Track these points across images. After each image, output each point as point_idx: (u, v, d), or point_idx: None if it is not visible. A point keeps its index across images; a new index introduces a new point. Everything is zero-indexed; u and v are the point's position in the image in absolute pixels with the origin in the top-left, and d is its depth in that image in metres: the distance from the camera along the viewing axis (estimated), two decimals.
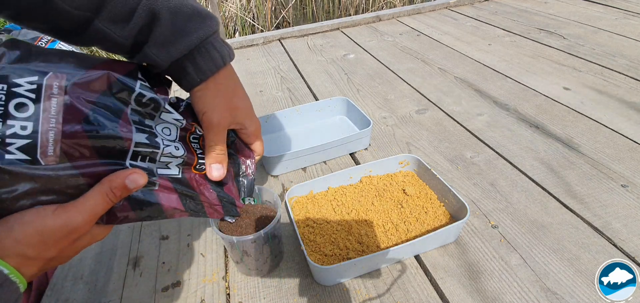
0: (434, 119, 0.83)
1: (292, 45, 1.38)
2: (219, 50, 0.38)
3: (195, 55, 0.37)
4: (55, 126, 0.27)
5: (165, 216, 0.34)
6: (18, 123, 0.26)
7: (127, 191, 0.31)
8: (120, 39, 0.34)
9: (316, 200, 0.59)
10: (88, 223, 0.30)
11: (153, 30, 0.34)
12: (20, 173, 0.26)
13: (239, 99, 0.42)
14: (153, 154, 0.33)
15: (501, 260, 0.50)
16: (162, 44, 0.35)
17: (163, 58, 0.35)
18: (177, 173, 0.35)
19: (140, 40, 0.35)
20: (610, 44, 1.13)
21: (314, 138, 0.78)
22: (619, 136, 0.72)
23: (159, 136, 0.34)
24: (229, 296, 0.49)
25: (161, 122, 0.36)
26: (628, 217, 0.55)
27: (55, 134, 0.27)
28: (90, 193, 0.30)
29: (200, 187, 0.37)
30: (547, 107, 0.84)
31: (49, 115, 0.27)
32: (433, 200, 0.58)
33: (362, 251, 0.50)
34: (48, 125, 0.27)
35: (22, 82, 0.27)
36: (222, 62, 0.38)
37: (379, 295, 0.47)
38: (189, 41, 0.35)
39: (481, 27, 1.38)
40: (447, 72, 1.05)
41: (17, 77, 0.27)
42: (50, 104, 0.27)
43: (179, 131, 0.37)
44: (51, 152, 0.27)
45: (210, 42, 0.37)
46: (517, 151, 0.71)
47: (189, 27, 0.36)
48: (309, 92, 1.01)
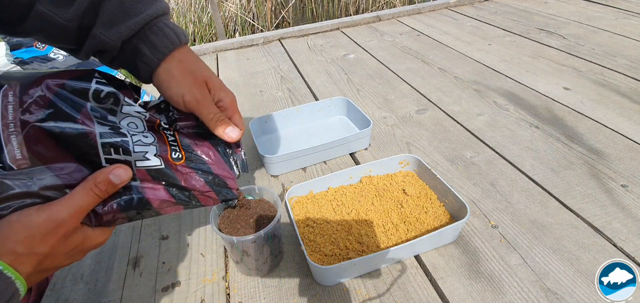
0: (434, 119, 0.83)
1: (292, 45, 1.38)
2: (173, 28, 0.37)
3: (147, 34, 0.36)
4: (15, 130, 0.28)
5: (157, 211, 0.34)
6: None
7: (112, 186, 0.31)
8: (64, 22, 0.33)
9: (316, 200, 0.59)
10: (73, 218, 0.29)
11: (100, 11, 0.33)
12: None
13: (208, 73, 0.40)
14: (124, 145, 0.32)
15: (501, 260, 0.50)
16: (110, 24, 0.34)
17: (112, 37, 0.34)
18: (158, 163, 0.35)
19: (86, 23, 0.34)
20: (610, 44, 1.13)
21: (314, 138, 0.78)
22: (619, 136, 0.72)
23: (124, 128, 0.34)
24: (229, 296, 0.49)
25: (125, 116, 0.35)
26: (628, 217, 0.55)
27: (17, 137, 0.28)
28: (76, 190, 0.30)
29: (185, 176, 0.36)
30: (547, 107, 0.84)
31: (7, 121, 0.28)
32: (433, 200, 0.58)
33: (362, 251, 0.50)
34: (8, 131, 0.28)
35: None
36: (178, 40, 0.37)
37: (379, 295, 0.47)
38: (139, 19, 0.35)
39: (481, 27, 1.38)
40: (447, 72, 1.05)
41: None
42: (7, 111, 0.28)
43: (146, 123, 0.37)
44: (19, 155, 0.28)
45: (162, 21, 0.36)
46: (517, 151, 0.71)
47: (137, 7, 0.35)
48: (309, 92, 1.01)
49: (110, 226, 0.34)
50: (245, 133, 0.84)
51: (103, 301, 0.50)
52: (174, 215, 0.63)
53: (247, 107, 0.97)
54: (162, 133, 0.38)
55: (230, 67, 1.24)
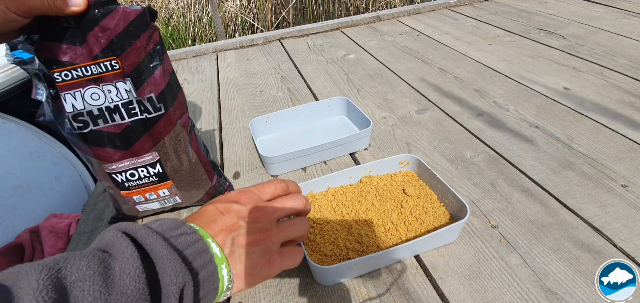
0: (434, 119, 0.84)
1: (292, 45, 1.38)
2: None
3: None
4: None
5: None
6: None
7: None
8: None
9: (316, 200, 0.59)
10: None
11: None
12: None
13: None
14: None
15: (501, 260, 0.50)
16: None
17: None
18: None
19: None
20: (610, 44, 1.13)
21: (314, 138, 0.78)
22: (619, 136, 0.72)
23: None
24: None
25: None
26: (628, 217, 0.55)
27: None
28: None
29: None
30: (547, 107, 0.84)
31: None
32: (433, 200, 0.58)
33: (362, 251, 0.50)
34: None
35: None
36: None
37: (379, 295, 0.47)
38: None
39: (481, 27, 1.38)
40: (447, 72, 1.05)
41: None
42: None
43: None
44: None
45: None
46: (517, 151, 0.71)
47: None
48: (309, 92, 1.01)
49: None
50: (245, 132, 0.84)
51: None
52: (174, 215, 0.63)
53: (247, 107, 0.97)
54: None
55: (230, 67, 1.24)
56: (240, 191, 0.42)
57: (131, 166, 0.52)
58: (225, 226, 0.37)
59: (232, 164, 0.75)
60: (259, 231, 0.39)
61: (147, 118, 0.49)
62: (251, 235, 0.38)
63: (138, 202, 0.57)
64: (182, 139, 0.54)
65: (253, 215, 0.40)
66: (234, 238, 0.37)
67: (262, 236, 0.39)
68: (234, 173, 0.73)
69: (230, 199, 0.41)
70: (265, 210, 0.41)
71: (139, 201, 0.57)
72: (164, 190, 0.56)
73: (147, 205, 0.58)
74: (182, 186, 0.57)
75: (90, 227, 0.63)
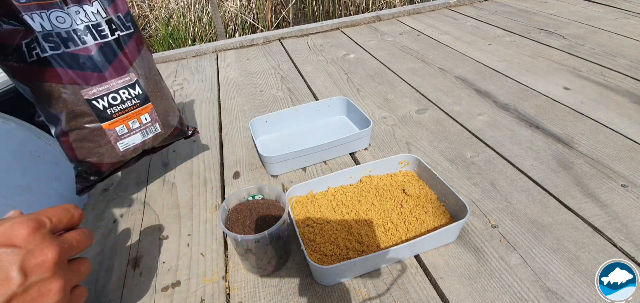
0: (434, 119, 0.83)
1: (292, 45, 1.38)
2: None
3: None
4: None
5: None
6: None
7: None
8: None
9: (316, 200, 0.59)
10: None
11: None
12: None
13: None
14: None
15: (501, 260, 0.50)
16: None
17: None
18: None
19: None
20: (610, 44, 1.13)
21: (314, 138, 0.78)
22: (619, 136, 0.72)
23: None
24: (229, 296, 0.49)
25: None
26: (628, 217, 0.55)
27: None
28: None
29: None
30: (547, 108, 0.84)
31: None
32: (433, 200, 0.58)
33: (362, 251, 0.50)
34: None
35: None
36: None
37: (379, 295, 0.47)
38: None
39: (481, 27, 1.38)
40: (447, 72, 1.05)
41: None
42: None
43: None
44: None
45: None
46: (517, 151, 0.71)
47: None
48: (309, 92, 1.01)
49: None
50: (245, 132, 0.84)
51: (103, 301, 0.50)
52: (174, 215, 0.63)
53: (247, 107, 0.97)
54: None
55: (230, 67, 1.24)
56: (13, 224, 0.30)
57: (111, 89, 0.52)
58: (8, 296, 0.28)
59: (232, 164, 0.75)
60: (41, 285, 0.30)
61: (119, 37, 0.51)
62: (34, 296, 0.29)
63: (121, 135, 0.54)
64: (152, 60, 0.57)
65: (36, 260, 0.30)
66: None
67: (45, 295, 0.30)
68: (234, 172, 0.73)
69: (0, 239, 0.29)
70: (55, 250, 0.31)
71: (122, 134, 0.55)
72: (146, 115, 0.56)
73: (130, 139, 0.56)
74: (160, 110, 0.58)
75: (90, 227, 0.63)
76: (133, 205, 0.67)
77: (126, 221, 0.63)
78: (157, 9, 2.46)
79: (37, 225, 0.31)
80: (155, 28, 2.38)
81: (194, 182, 0.71)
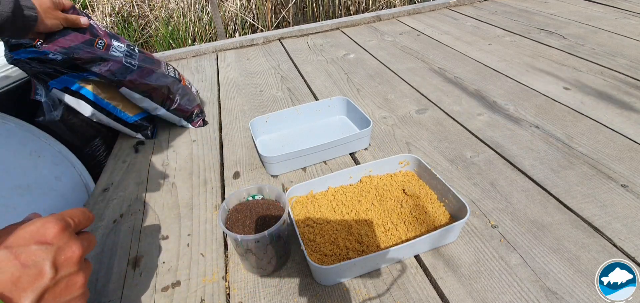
0: (434, 119, 0.83)
1: (292, 45, 1.38)
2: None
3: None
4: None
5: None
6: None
7: None
8: None
9: (316, 200, 0.59)
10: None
11: None
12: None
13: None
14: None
15: (501, 260, 0.50)
16: None
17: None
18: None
19: None
20: (610, 44, 1.13)
21: (314, 138, 0.78)
22: (619, 136, 0.72)
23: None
24: (229, 296, 0.49)
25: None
26: (628, 217, 0.55)
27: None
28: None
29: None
30: (547, 108, 0.84)
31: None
32: (433, 200, 0.58)
33: (362, 251, 0.50)
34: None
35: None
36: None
37: (379, 295, 0.47)
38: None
39: (481, 27, 1.38)
40: (447, 72, 1.05)
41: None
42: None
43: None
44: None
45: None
46: (517, 151, 0.71)
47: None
48: (309, 92, 1.01)
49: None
50: (245, 132, 0.84)
51: (103, 301, 0.50)
52: (174, 215, 0.63)
53: (247, 107, 0.97)
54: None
55: (230, 67, 1.24)
56: (43, 223, 0.34)
57: (164, 70, 0.88)
58: (43, 288, 0.31)
59: (232, 164, 0.75)
60: (71, 277, 0.34)
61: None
62: (68, 287, 0.33)
63: (189, 85, 0.94)
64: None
65: (66, 255, 0.34)
66: (42, 295, 0.31)
67: (71, 287, 0.34)
68: (234, 172, 0.73)
69: (29, 239, 0.33)
70: (80, 247, 0.35)
71: (190, 84, 0.95)
72: (187, 83, 0.94)
73: (193, 88, 0.97)
74: (188, 83, 0.95)
75: (90, 227, 0.63)
76: (133, 205, 0.67)
77: (126, 221, 0.63)
78: (157, 9, 2.45)
79: (65, 225, 0.35)
80: (155, 28, 2.38)
81: (194, 182, 0.71)
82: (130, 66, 0.79)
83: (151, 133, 0.87)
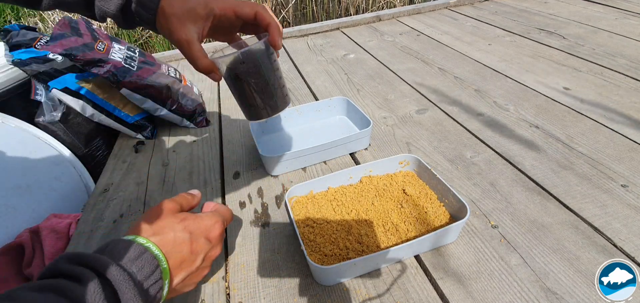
0: (434, 119, 0.83)
1: (292, 45, 1.38)
2: None
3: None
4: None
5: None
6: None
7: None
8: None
9: (316, 200, 0.59)
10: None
11: None
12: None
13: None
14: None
15: (501, 260, 0.50)
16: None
17: (110, 7, 0.42)
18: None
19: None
20: (610, 44, 1.13)
21: (314, 138, 0.78)
22: (619, 136, 0.72)
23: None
24: (229, 296, 0.49)
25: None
26: (628, 217, 0.55)
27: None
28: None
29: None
30: (547, 108, 0.84)
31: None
32: (433, 200, 0.58)
33: (362, 251, 0.50)
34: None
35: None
36: None
37: (379, 295, 0.47)
38: None
39: (481, 27, 1.38)
40: (447, 72, 1.05)
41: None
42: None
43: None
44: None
45: None
46: (517, 151, 0.71)
47: None
48: (309, 92, 1.01)
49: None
50: (245, 132, 0.84)
51: None
52: None
53: None
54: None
55: None
56: (215, 222, 0.45)
57: (164, 70, 0.89)
58: (190, 272, 0.40)
59: (232, 164, 0.75)
60: (204, 268, 0.44)
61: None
62: (199, 274, 0.43)
63: (191, 87, 0.94)
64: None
65: (214, 253, 0.45)
66: (186, 277, 0.40)
67: (199, 276, 0.44)
68: (234, 173, 0.73)
69: (204, 231, 0.43)
70: (218, 253, 0.46)
71: (191, 86, 0.95)
72: (188, 82, 0.95)
73: (195, 88, 0.96)
74: (190, 84, 0.96)
75: (90, 227, 0.63)
76: (133, 205, 0.67)
77: (126, 222, 0.63)
78: None
79: (223, 229, 0.46)
80: None
81: (194, 182, 0.71)
82: (130, 67, 0.79)
83: (151, 133, 0.87)
